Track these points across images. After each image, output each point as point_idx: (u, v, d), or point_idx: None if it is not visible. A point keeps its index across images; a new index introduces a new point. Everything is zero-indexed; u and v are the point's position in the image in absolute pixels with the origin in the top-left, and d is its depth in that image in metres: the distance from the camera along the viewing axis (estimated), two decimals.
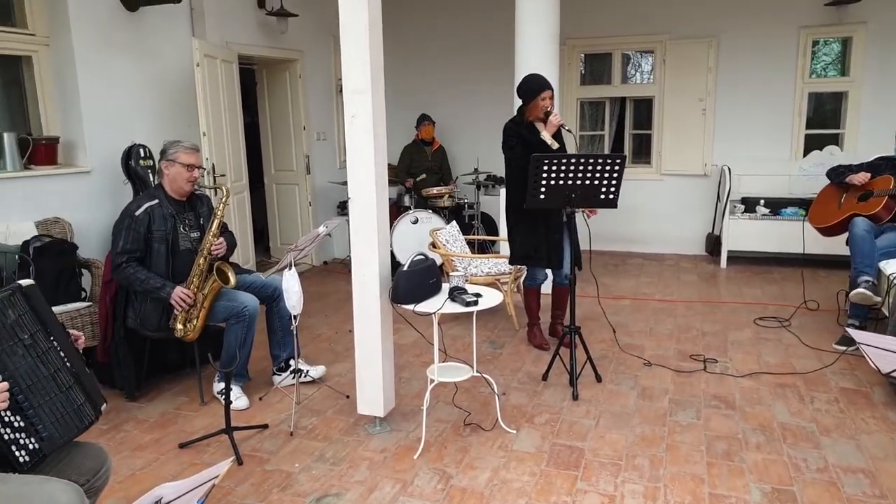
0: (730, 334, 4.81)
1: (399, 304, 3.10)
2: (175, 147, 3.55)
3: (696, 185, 7.59)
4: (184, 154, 3.54)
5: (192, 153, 3.57)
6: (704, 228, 7.61)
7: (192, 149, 3.58)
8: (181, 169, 3.53)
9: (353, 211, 3.15)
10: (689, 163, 7.56)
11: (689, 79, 7.37)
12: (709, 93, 7.35)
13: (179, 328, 3.48)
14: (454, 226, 5.45)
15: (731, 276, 6.67)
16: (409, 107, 8.04)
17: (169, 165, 3.54)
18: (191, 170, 3.55)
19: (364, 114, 3.04)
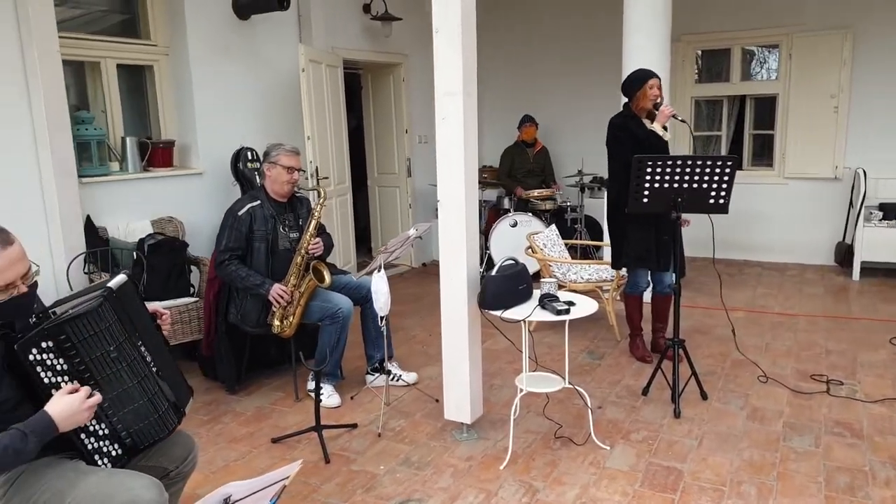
0: (860, 354, 4.35)
1: (486, 310, 3.01)
2: (277, 150, 3.65)
3: (825, 189, 6.97)
4: (285, 157, 3.63)
5: (293, 156, 3.66)
6: (833, 237, 6.98)
7: (293, 152, 3.67)
8: (282, 171, 3.63)
9: (442, 214, 3.10)
10: (817, 165, 6.96)
11: (818, 74, 6.79)
12: (842, 89, 6.72)
13: (276, 324, 3.57)
14: (553, 229, 5.29)
15: (864, 289, 6.06)
16: (511, 108, 7.93)
17: (270, 167, 3.65)
18: (291, 172, 3.64)
19: (455, 116, 2.98)
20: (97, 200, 4.16)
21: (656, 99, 3.92)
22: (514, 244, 6.16)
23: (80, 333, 1.76)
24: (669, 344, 3.63)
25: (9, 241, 1.72)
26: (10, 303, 1.70)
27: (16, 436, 1.63)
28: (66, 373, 1.77)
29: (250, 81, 5.16)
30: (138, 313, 2.01)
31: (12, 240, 1.73)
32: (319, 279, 3.59)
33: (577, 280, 4.83)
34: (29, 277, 1.76)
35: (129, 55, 4.58)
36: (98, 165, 4.19)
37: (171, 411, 1.98)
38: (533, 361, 3.83)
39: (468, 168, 3.06)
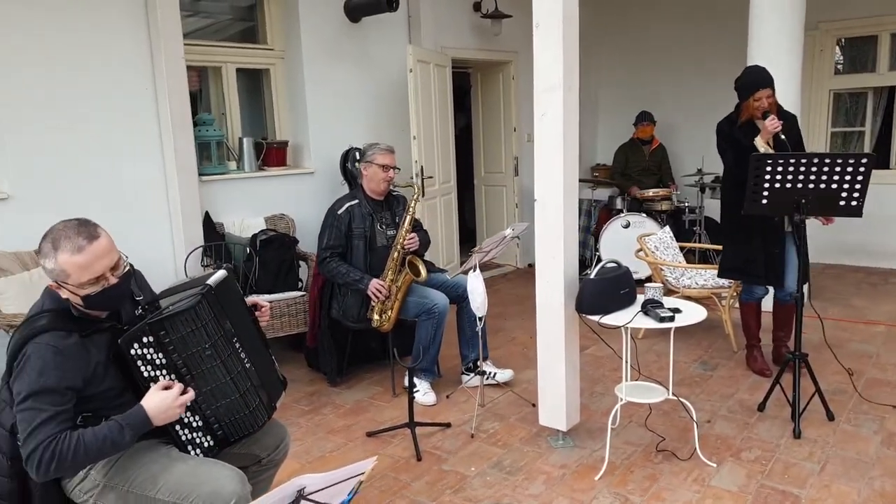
0: None
1: (584, 315, 2.89)
2: (372, 149, 3.74)
3: None
4: (380, 156, 3.71)
5: (388, 154, 3.73)
6: None
7: (388, 150, 3.74)
8: (377, 169, 3.70)
9: (539, 214, 3.01)
10: None
11: None
12: None
13: (376, 318, 3.63)
14: (667, 231, 5.02)
15: None
16: (626, 104, 7.64)
17: (367, 167, 3.74)
18: (386, 170, 3.71)
19: (554, 112, 2.88)
20: (215, 197, 4.41)
21: (763, 109, 3.57)
22: (625, 246, 5.92)
23: (178, 330, 1.83)
24: (790, 357, 3.32)
25: (94, 235, 1.75)
26: (101, 294, 1.78)
27: (114, 428, 1.73)
28: (164, 367, 1.85)
29: (360, 83, 5.29)
30: (236, 309, 2.05)
31: (98, 233, 1.76)
32: (415, 273, 3.61)
33: (690, 286, 4.56)
34: (119, 268, 1.81)
35: (248, 59, 4.83)
36: (217, 165, 4.44)
37: (262, 407, 2.02)
38: (636, 370, 3.64)
39: (567, 166, 2.94)
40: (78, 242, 1.72)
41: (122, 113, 3.92)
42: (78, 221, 1.77)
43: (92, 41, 3.78)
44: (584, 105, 7.96)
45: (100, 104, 3.83)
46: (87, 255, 1.72)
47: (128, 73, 3.93)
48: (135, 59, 3.95)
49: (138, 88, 3.97)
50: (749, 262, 3.76)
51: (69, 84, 3.72)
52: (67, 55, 3.69)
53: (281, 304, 4.05)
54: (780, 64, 4.50)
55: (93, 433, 1.70)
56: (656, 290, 2.94)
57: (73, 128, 3.74)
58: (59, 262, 1.71)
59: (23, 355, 1.70)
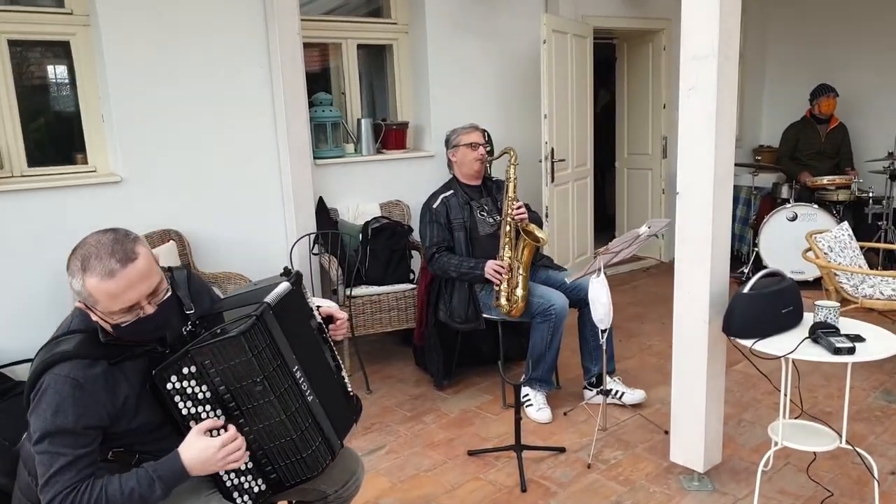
0: None
1: (733, 338, 2.33)
2: (454, 134, 3.56)
3: None
4: (464, 135, 3.51)
5: (472, 132, 3.52)
6: None
7: (472, 128, 3.54)
8: (466, 150, 3.48)
9: (682, 210, 2.48)
10: None
11: None
12: None
13: (503, 304, 3.24)
14: (845, 228, 4.18)
15: None
16: (797, 78, 6.63)
17: (454, 152, 3.55)
18: (474, 148, 3.47)
19: (706, 85, 2.33)
20: (330, 182, 4.23)
21: None
22: (791, 242, 5.10)
23: (225, 359, 1.53)
24: None
25: (131, 256, 1.46)
26: (135, 324, 1.49)
27: (144, 480, 1.48)
28: (207, 401, 1.56)
29: (488, 57, 4.89)
30: (299, 328, 1.73)
31: (136, 254, 1.47)
32: (535, 240, 3.21)
33: (873, 295, 3.75)
34: (159, 294, 1.52)
35: (369, 34, 4.59)
36: (333, 147, 4.25)
37: (324, 447, 1.68)
38: (796, 405, 2.99)
39: (720, 153, 2.38)
40: (110, 265, 1.43)
41: (235, 91, 3.81)
42: (114, 236, 1.48)
43: (204, 16, 3.68)
44: (747, 75, 7.03)
45: (212, 82, 3.74)
46: (120, 282, 1.43)
47: (242, 50, 3.80)
48: (249, 35, 3.81)
49: (252, 66, 3.84)
50: None
51: (181, 62, 3.64)
52: (181, 32, 3.62)
53: (390, 296, 3.80)
54: None
55: (119, 485, 1.46)
56: (830, 310, 2.32)
57: (184, 107, 3.67)
58: (88, 286, 1.44)
59: (39, 386, 1.46)
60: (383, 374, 3.87)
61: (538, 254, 3.48)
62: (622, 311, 4.93)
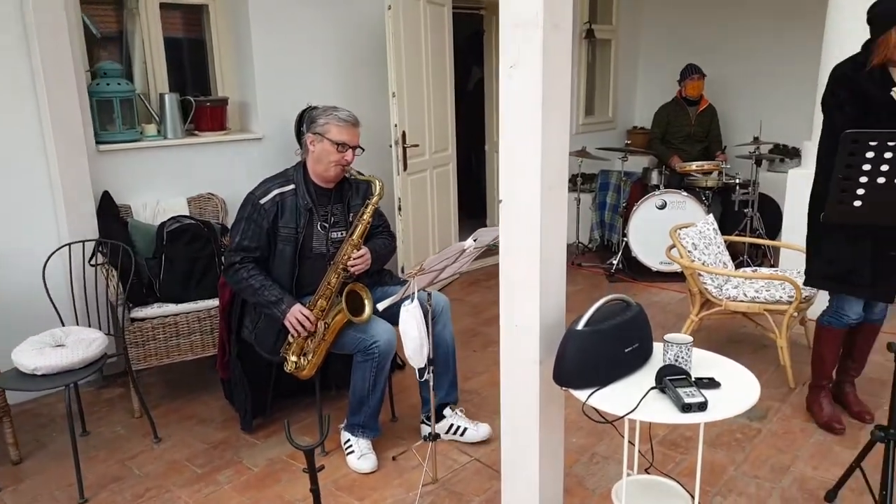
0: None
1: (564, 388, 1.85)
2: (326, 117, 2.65)
3: None
4: (336, 127, 2.63)
5: (348, 128, 2.65)
6: None
7: (349, 122, 2.66)
8: (329, 148, 2.64)
9: (505, 222, 1.96)
10: None
11: None
12: None
13: (292, 360, 2.65)
14: (710, 222, 3.89)
15: None
16: (669, 58, 6.41)
17: (316, 140, 2.66)
18: (342, 150, 2.64)
19: (530, 62, 1.80)
20: (121, 173, 3.47)
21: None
22: (660, 231, 4.78)
23: None
24: (880, 437, 2.23)
25: None
26: None
27: None
28: None
29: (328, 25, 4.23)
30: None
31: None
32: (354, 311, 2.59)
33: (737, 297, 3.45)
34: None
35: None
36: (124, 129, 3.47)
37: None
38: (645, 457, 2.59)
39: (551, 148, 1.88)
40: None
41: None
42: None
43: None
44: (621, 55, 6.76)
45: None
46: None
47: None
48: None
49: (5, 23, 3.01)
50: (854, 271, 2.65)
51: None
52: None
53: (190, 317, 3.12)
54: None
55: None
56: (682, 347, 1.88)
57: None
58: None
59: None
60: (184, 413, 3.17)
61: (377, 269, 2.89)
62: (483, 312, 4.48)
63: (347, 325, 2.63)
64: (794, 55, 5.75)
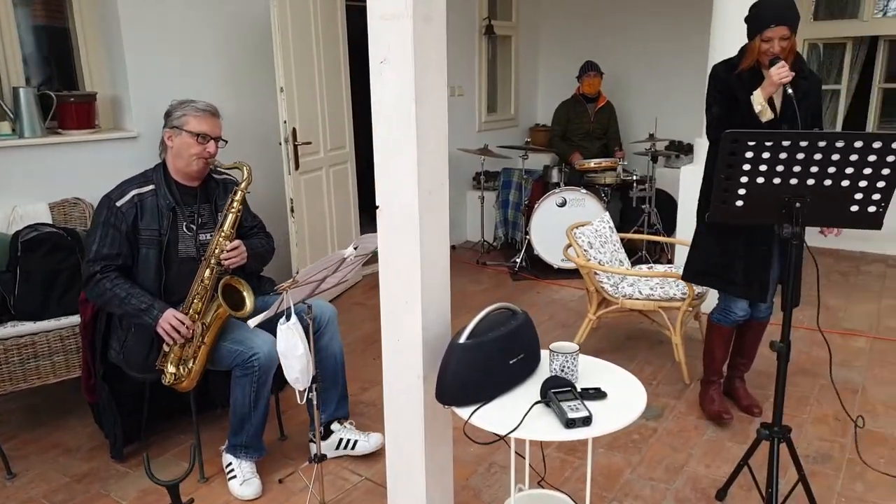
0: None
1: (447, 406, 1.74)
2: (182, 109, 2.49)
3: None
4: (194, 118, 2.47)
5: (206, 117, 2.50)
6: None
7: (207, 111, 2.51)
8: (189, 140, 2.47)
9: (383, 230, 1.83)
10: None
11: None
12: None
13: (170, 371, 2.43)
14: (606, 220, 3.90)
15: None
16: (568, 56, 6.48)
17: (174, 134, 2.49)
18: (203, 141, 2.47)
19: (400, 57, 1.67)
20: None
21: (773, 53, 2.54)
22: (562, 230, 4.76)
23: None
24: (765, 435, 2.25)
25: None
26: None
27: None
28: None
29: (208, 14, 3.95)
30: None
31: None
32: (234, 305, 2.41)
33: (633, 295, 3.47)
34: None
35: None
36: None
37: None
38: (535, 471, 2.53)
39: (427, 149, 1.76)
40: None
41: None
42: None
43: None
44: (523, 52, 6.76)
45: None
46: None
47: None
48: None
49: None
50: (726, 267, 2.76)
51: None
52: None
53: (50, 336, 2.81)
54: None
55: None
56: (567, 357, 1.81)
57: None
58: None
59: None
60: (45, 442, 2.85)
61: (255, 276, 2.70)
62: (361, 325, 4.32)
63: (224, 336, 2.43)
64: (685, 53, 5.92)
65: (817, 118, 2.77)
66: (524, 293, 4.84)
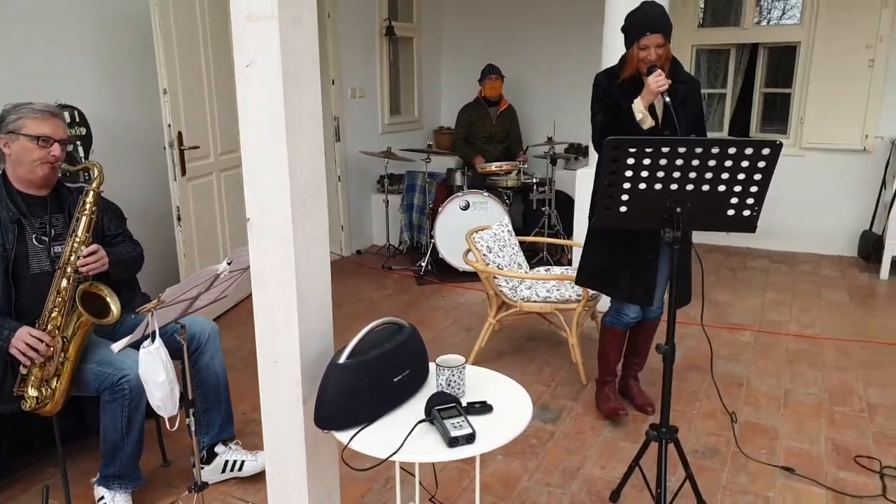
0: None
1: (326, 430, 1.65)
2: (19, 111, 2.26)
3: (851, 163, 5.65)
4: (32, 121, 2.25)
5: (47, 119, 2.28)
6: (857, 223, 5.67)
7: (47, 112, 2.29)
8: (29, 145, 2.25)
9: (255, 244, 1.72)
10: (841, 133, 5.61)
11: (853, 18, 5.37)
12: (881, 38, 5.31)
13: (31, 395, 2.21)
14: (505, 223, 3.91)
15: (894, 293, 4.81)
16: (471, 58, 6.49)
17: (10, 140, 2.26)
18: (45, 145, 2.26)
19: (268, 61, 1.57)
20: None
21: (649, 61, 2.62)
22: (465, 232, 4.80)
23: None
24: (654, 436, 2.30)
25: None
26: None
27: None
28: None
29: (81, 16, 3.67)
30: None
31: None
32: (95, 312, 2.22)
33: (531, 298, 3.49)
34: None
35: None
36: None
37: None
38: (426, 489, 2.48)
39: (300, 157, 1.66)
40: None
41: None
42: None
43: None
44: (426, 54, 6.72)
45: None
46: None
47: None
48: None
49: None
50: (611, 271, 2.82)
51: None
52: None
53: None
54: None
55: None
56: (454, 371, 1.76)
57: None
58: None
59: None
60: None
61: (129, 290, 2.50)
62: None
63: (89, 357, 2.24)
64: (580, 57, 6.04)
65: (699, 121, 2.86)
66: (429, 297, 4.79)
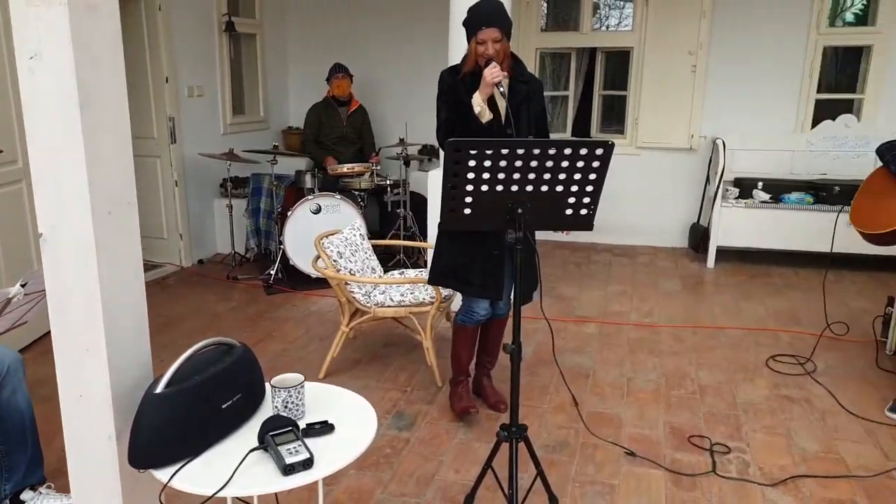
0: (738, 391, 3.39)
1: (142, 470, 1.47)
2: None
3: (680, 161, 6.11)
4: None
5: None
6: (688, 216, 6.15)
7: None
8: None
9: (49, 261, 1.50)
10: (671, 133, 6.05)
11: (677, 27, 5.80)
12: (701, 45, 5.78)
13: None
14: (357, 227, 3.79)
15: (721, 280, 5.27)
16: (319, 57, 6.31)
17: None
18: None
19: (57, 53, 1.36)
20: None
21: (486, 55, 2.65)
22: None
23: None
24: (504, 436, 2.30)
25: None
26: None
27: None
28: None
29: None
30: None
31: None
32: None
33: (384, 303, 3.41)
34: None
35: None
36: None
37: None
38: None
39: (102, 161, 1.47)
40: None
41: None
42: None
43: None
44: (270, 51, 6.43)
45: None
46: None
47: None
48: None
49: None
50: (463, 268, 2.82)
51: None
52: None
53: None
54: None
55: None
56: (291, 391, 1.64)
57: None
58: None
59: None
60: None
61: None
62: None
63: None
64: (429, 57, 6.06)
65: (542, 121, 2.92)
66: (279, 308, 4.58)
